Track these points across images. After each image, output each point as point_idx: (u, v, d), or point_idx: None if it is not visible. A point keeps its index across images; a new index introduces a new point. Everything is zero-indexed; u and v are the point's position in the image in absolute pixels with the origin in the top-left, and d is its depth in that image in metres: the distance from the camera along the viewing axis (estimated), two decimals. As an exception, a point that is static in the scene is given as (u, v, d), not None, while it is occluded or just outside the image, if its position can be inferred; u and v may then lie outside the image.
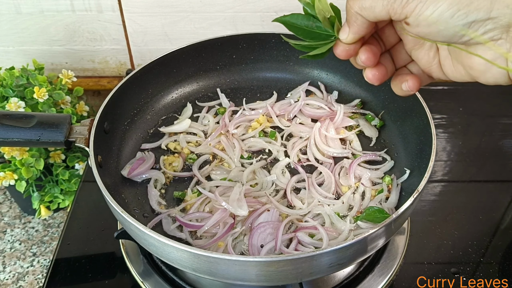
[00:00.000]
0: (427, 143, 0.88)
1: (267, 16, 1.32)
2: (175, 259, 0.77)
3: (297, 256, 0.71)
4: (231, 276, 0.75)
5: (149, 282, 0.94)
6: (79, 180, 1.21)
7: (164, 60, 1.09)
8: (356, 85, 1.13)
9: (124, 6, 1.30)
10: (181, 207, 0.95)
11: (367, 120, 1.09)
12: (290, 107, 1.12)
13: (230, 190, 0.93)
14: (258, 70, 1.19)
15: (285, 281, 0.77)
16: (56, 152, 1.23)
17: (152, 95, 1.12)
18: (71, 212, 1.10)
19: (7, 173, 1.17)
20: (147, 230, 0.74)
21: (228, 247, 0.86)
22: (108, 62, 1.44)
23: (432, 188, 1.13)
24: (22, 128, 0.87)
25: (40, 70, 1.27)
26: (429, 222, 1.05)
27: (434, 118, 1.03)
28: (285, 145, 1.06)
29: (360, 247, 0.76)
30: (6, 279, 1.24)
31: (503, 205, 1.09)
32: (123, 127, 1.05)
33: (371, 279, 0.94)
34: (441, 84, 1.43)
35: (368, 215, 0.89)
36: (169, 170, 1.02)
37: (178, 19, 1.33)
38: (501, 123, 1.30)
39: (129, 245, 1.00)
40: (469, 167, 1.19)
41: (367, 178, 0.97)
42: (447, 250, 1.00)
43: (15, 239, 1.33)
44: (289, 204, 0.94)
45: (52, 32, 1.36)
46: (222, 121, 1.10)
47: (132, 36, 1.37)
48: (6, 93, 1.17)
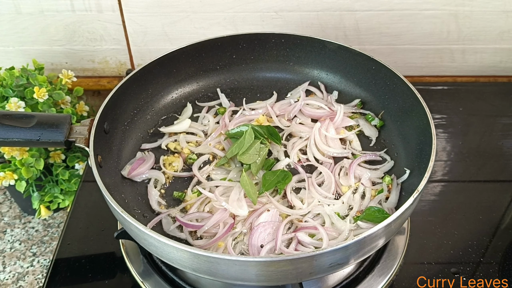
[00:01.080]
0: (427, 143, 0.88)
1: (267, 16, 1.32)
2: (175, 259, 0.77)
3: (297, 256, 0.71)
4: (231, 276, 0.75)
5: (149, 282, 0.94)
6: (79, 180, 1.21)
7: (164, 60, 1.09)
8: (356, 85, 1.13)
9: (124, 6, 1.30)
10: (181, 207, 0.95)
11: (367, 120, 1.09)
12: (290, 107, 1.12)
13: (230, 190, 0.94)
14: (258, 70, 1.19)
15: (285, 281, 0.77)
16: (56, 152, 1.23)
17: (152, 95, 1.12)
18: (71, 212, 1.10)
19: (7, 173, 1.17)
20: (147, 230, 0.74)
21: (228, 247, 0.86)
22: (108, 62, 1.44)
23: (432, 188, 1.13)
24: (22, 128, 0.87)
25: (40, 70, 1.27)
26: (429, 222, 1.05)
27: (434, 118, 1.03)
28: (285, 145, 1.06)
29: (360, 247, 0.76)
30: (6, 279, 1.24)
31: (503, 205, 1.09)
32: (123, 127, 1.05)
33: (371, 279, 0.94)
34: (441, 84, 1.43)
35: (368, 215, 0.89)
36: (169, 170, 1.02)
37: (178, 19, 1.33)
38: (501, 123, 1.30)
39: (129, 245, 1.00)
40: (469, 167, 1.19)
41: (367, 178, 0.97)
42: (447, 250, 1.00)
43: (15, 239, 1.33)
44: (289, 204, 0.94)
45: (52, 32, 1.36)
46: (222, 121, 1.10)
47: (132, 36, 1.37)
48: (6, 93, 1.17)
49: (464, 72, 1.45)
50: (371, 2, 1.28)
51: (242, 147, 0.96)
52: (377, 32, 1.35)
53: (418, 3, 1.29)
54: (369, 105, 1.11)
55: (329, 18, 1.32)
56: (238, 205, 0.90)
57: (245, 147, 0.96)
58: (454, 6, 1.29)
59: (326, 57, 1.14)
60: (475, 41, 1.37)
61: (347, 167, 0.99)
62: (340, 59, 1.12)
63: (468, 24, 1.33)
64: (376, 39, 1.36)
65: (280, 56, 1.17)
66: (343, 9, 1.30)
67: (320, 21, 1.32)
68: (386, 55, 1.39)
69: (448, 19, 1.32)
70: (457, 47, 1.39)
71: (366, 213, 0.89)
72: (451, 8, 1.30)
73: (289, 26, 1.33)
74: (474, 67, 1.43)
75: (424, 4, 1.29)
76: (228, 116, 1.10)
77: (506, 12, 1.31)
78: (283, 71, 1.19)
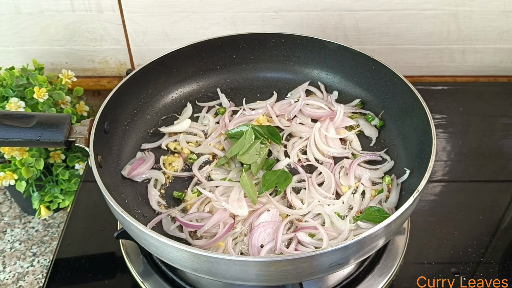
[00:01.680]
0: (427, 143, 0.88)
1: (267, 16, 1.32)
2: (175, 259, 0.77)
3: (297, 256, 0.71)
4: (231, 276, 0.75)
5: (149, 282, 0.94)
6: (79, 180, 1.21)
7: (164, 60, 1.09)
8: (356, 85, 1.13)
9: (124, 6, 1.30)
10: (181, 207, 0.95)
11: (367, 120, 1.09)
12: (290, 107, 1.12)
13: (230, 190, 0.94)
14: (258, 70, 1.19)
15: (285, 281, 0.77)
16: (56, 152, 1.23)
17: (152, 95, 1.12)
18: (71, 212, 1.10)
19: (7, 173, 1.17)
20: (147, 230, 0.74)
21: (228, 247, 0.86)
22: (108, 62, 1.44)
23: (432, 188, 1.13)
24: (22, 128, 0.87)
25: (40, 70, 1.27)
26: (429, 222, 1.05)
27: (434, 118, 1.03)
28: (285, 145, 1.06)
29: (360, 247, 0.76)
30: (6, 279, 1.24)
31: (503, 205, 1.09)
32: (123, 127, 1.05)
33: (371, 279, 0.94)
34: (441, 84, 1.43)
35: (368, 215, 0.89)
36: (169, 170, 1.02)
37: (178, 19, 1.33)
38: (501, 123, 1.30)
39: (129, 245, 1.00)
40: (469, 167, 1.19)
41: (367, 178, 0.97)
42: (447, 250, 1.00)
43: (15, 239, 1.33)
44: (289, 204, 0.94)
45: (52, 32, 1.36)
46: (222, 121, 1.10)
47: (132, 36, 1.37)
48: (6, 93, 1.17)
49: (464, 72, 1.45)
50: (371, 2, 1.28)
51: (243, 147, 0.96)
52: (377, 32, 1.35)
53: (418, 3, 1.29)
54: (369, 105, 1.11)
55: (329, 18, 1.32)
56: (238, 205, 0.90)
57: (245, 147, 0.96)
58: (454, 6, 1.29)
59: (326, 57, 1.14)
60: (475, 41, 1.37)
61: (347, 167, 0.99)
62: (340, 59, 1.12)
63: (468, 24, 1.33)
64: (376, 39, 1.36)
65: (280, 56, 1.17)
66: (343, 9, 1.30)
67: (320, 21, 1.32)
68: (386, 55, 1.39)
69: (448, 19, 1.32)
70: (457, 47, 1.39)
71: (366, 213, 0.89)
72: (451, 8, 1.30)
73: (289, 26, 1.33)
74: (474, 67, 1.43)
75: (424, 4, 1.29)
76: (228, 116, 1.10)
77: (506, 12, 1.31)
78: (283, 71, 1.19)
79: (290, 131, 1.08)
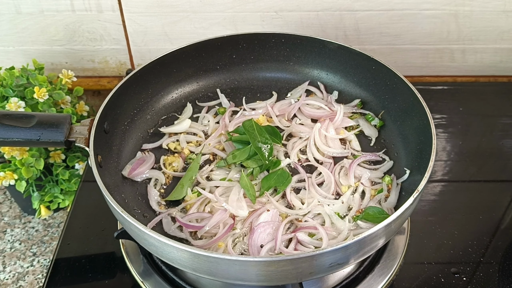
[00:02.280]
0: (427, 143, 0.88)
1: (267, 16, 1.32)
2: (175, 259, 0.77)
3: (297, 256, 0.71)
4: (231, 276, 0.75)
5: (149, 282, 0.94)
6: (79, 180, 1.21)
7: (164, 60, 1.09)
8: (356, 85, 1.13)
9: (124, 6, 1.31)
10: (181, 207, 0.95)
11: (367, 120, 1.09)
12: (290, 107, 1.12)
13: (230, 190, 0.94)
14: (258, 70, 1.19)
15: (285, 281, 0.77)
16: (56, 152, 1.23)
17: (152, 95, 1.12)
18: (71, 212, 1.10)
19: (7, 173, 1.17)
20: (147, 230, 0.74)
21: (228, 247, 0.86)
22: (108, 62, 1.44)
23: (432, 188, 1.13)
24: (22, 128, 0.87)
25: (40, 70, 1.27)
26: (429, 222, 1.05)
27: (434, 118, 1.03)
28: (285, 145, 1.06)
29: (360, 247, 0.76)
30: (6, 279, 1.24)
31: (503, 205, 1.09)
32: (123, 127, 1.05)
33: (371, 279, 0.94)
34: (441, 84, 1.43)
35: (368, 215, 0.89)
36: (169, 170, 1.01)
37: (178, 19, 1.33)
38: (501, 123, 1.30)
39: (129, 245, 1.00)
40: (469, 167, 1.19)
41: (366, 178, 0.97)
42: (447, 250, 1.00)
43: (15, 239, 1.33)
44: (289, 204, 0.94)
45: (52, 32, 1.36)
46: (222, 121, 1.10)
47: (132, 36, 1.37)
48: (6, 93, 1.17)
49: (464, 72, 1.45)
50: (371, 2, 1.28)
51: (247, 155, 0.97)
52: (377, 32, 1.35)
53: (418, 3, 1.29)
54: (369, 105, 1.11)
55: (329, 18, 1.32)
56: (238, 206, 0.90)
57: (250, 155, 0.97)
58: (454, 6, 1.29)
59: (326, 57, 1.14)
60: (475, 41, 1.37)
61: (347, 167, 0.99)
62: (340, 59, 1.12)
63: (468, 24, 1.33)
64: (376, 39, 1.36)
65: (280, 56, 1.17)
66: (343, 9, 1.30)
67: (320, 21, 1.33)
68: (386, 55, 1.39)
69: (448, 19, 1.32)
70: (457, 47, 1.39)
71: (365, 213, 0.89)
72: (451, 8, 1.30)
73: (289, 26, 1.33)
74: (474, 67, 1.43)
75: (424, 4, 1.29)
76: (228, 116, 1.10)
77: (506, 12, 1.31)
78: (283, 71, 1.19)
79: (290, 131, 1.08)
